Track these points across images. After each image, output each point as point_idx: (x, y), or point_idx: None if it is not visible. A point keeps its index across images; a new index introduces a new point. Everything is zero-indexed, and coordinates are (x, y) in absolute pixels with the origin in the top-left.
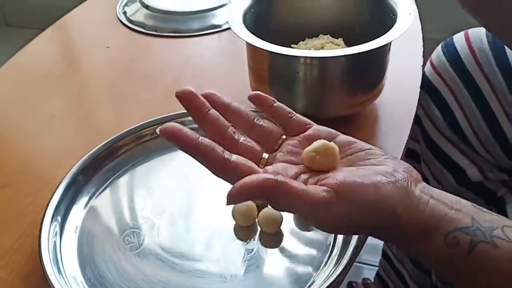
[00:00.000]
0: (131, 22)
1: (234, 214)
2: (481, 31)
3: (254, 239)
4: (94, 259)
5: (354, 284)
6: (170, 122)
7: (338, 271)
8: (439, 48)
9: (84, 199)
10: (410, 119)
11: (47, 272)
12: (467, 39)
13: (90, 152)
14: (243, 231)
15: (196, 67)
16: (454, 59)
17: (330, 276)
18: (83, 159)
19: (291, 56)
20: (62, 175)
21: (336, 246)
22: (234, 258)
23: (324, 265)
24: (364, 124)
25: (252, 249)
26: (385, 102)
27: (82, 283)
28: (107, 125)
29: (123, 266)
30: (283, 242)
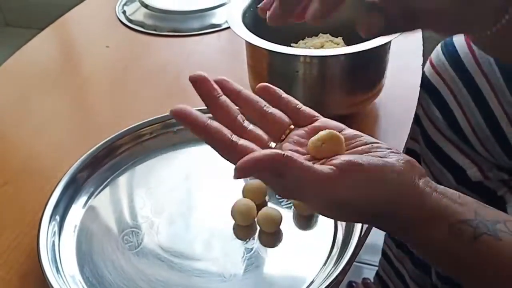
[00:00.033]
0: (130, 21)
1: (233, 213)
2: None
3: (254, 239)
4: (93, 258)
5: (354, 284)
6: (182, 104)
7: (338, 271)
8: (439, 47)
9: (83, 198)
10: (410, 118)
11: (45, 271)
12: (467, 39)
13: (89, 151)
14: (243, 231)
15: (195, 66)
16: (453, 58)
17: (330, 275)
18: (82, 158)
19: (290, 55)
20: (61, 174)
21: (335, 246)
22: (233, 258)
23: (324, 264)
24: (363, 123)
25: (251, 248)
26: (384, 101)
27: (80, 283)
28: (106, 124)
29: (122, 266)
30: (282, 241)
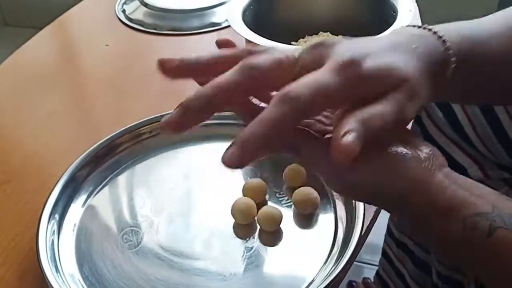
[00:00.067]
0: (130, 20)
1: (233, 212)
2: None
3: (254, 237)
4: (92, 257)
5: (354, 283)
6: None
7: (338, 270)
8: None
9: (82, 197)
10: None
11: (44, 270)
12: None
13: (88, 150)
14: (243, 229)
15: None
16: None
17: (330, 274)
18: (81, 157)
19: None
20: (61, 173)
21: (336, 245)
22: (233, 256)
23: (324, 263)
24: None
25: (251, 247)
26: None
27: (79, 281)
28: (105, 123)
29: (121, 265)
30: (282, 240)
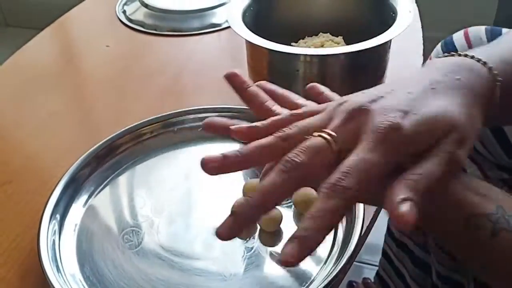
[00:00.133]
0: (130, 21)
1: None
2: (480, 30)
3: (254, 238)
4: (93, 257)
5: (354, 283)
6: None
7: (338, 270)
8: (439, 46)
9: (83, 197)
10: None
11: (45, 270)
12: (467, 38)
13: (89, 151)
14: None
15: (195, 65)
16: None
17: (330, 274)
18: (82, 157)
19: (291, 54)
20: (61, 173)
21: (336, 244)
22: (233, 257)
23: (324, 263)
24: None
25: (251, 247)
26: None
27: (81, 281)
28: (106, 123)
29: (122, 265)
30: (282, 240)
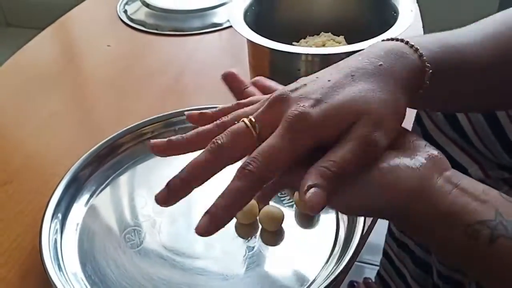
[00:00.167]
0: (131, 20)
1: None
2: None
3: (255, 237)
4: (95, 257)
5: (355, 283)
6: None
7: (339, 270)
8: None
9: (85, 197)
10: (412, 117)
11: (47, 269)
12: None
13: (90, 150)
14: (244, 229)
15: (196, 65)
16: None
17: (331, 274)
18: (83, 157)
19: (292, 53)
20: (63, 173)
21: (337, 245)
22: (235, 256)
23: (326, 263)
24: None
25: (253, 247)
26: None
27: (82, 280)
28: (107, 123)
29: (123, 264)
30: (284, 240)
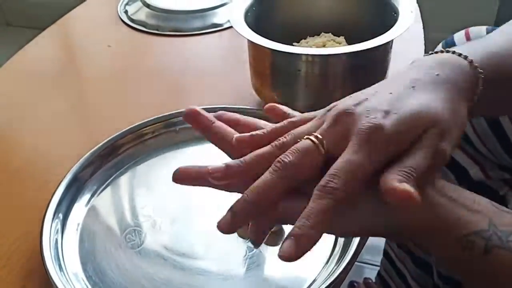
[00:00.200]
0: (132, 21)
1: None
2: (481, 30)
3: None
4: (96, 257)
5: (355, 283)
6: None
7: (340, 270)
8: (440, 46)
9: (85, 197)
10: None
11: (48, 269)
12: (468, 38)
13: (91, 150)
14: (244, 229)
15: (197, 65)
16: None
17: (332, 274)
18: (84, 157)
19: (293, 53)
20: (64, 173)
21: (337, 245)
22: (235, 256)
23: (326, 263)
24: None
25: (253, 247)
26: None
27: (83, 280)
28: (108, 123)
29: (124, 264)
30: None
